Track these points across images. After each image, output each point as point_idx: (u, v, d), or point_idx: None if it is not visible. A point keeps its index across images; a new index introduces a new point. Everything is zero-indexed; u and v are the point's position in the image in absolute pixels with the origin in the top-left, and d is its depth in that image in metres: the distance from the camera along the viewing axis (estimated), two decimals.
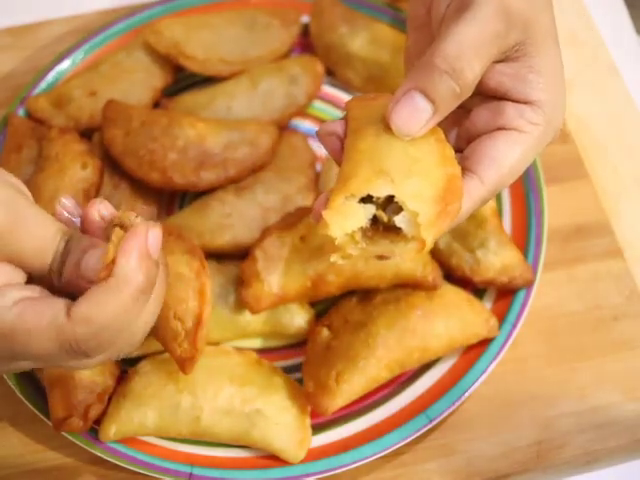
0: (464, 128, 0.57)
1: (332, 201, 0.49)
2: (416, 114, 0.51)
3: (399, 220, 0.48)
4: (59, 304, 0.48)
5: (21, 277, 0.51)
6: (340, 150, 0.54)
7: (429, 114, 0.51)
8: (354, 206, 0.49)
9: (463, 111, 0.56)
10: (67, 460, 0.71)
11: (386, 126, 0.51)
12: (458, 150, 0.57)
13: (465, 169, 0.54)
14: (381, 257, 0.50)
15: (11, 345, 0.48)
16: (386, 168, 0.49)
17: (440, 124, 0.53)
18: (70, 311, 0.47)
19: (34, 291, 0.50)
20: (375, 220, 0.50)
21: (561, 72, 0.56)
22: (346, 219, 0.49)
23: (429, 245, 0.48)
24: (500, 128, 0.55)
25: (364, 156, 0.50)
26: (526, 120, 0.54)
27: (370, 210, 0.49)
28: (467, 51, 0.51)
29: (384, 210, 0.49)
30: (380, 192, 0.48)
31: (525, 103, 0.55)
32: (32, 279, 0.51)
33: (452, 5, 0.54)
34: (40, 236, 0.49)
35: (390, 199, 0.49)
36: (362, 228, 0.49)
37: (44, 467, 0.71)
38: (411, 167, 0.49)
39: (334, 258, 0.50)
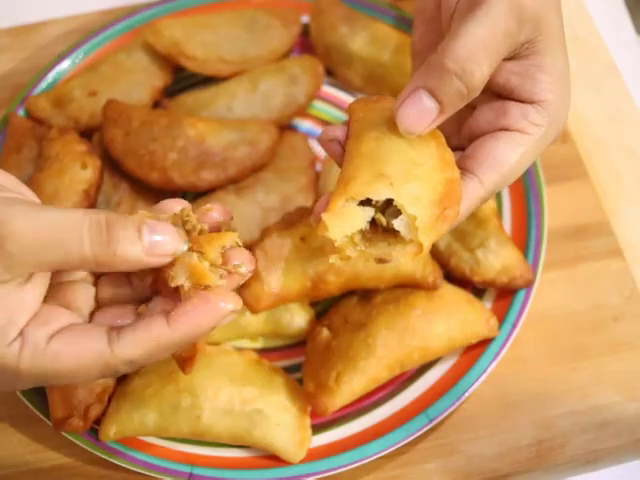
0: (467, 126, 0.57)
1: (332, 204, 0.49)
2: (422, 113, 0.51)
3: (397, 223, 0.49)
4: (100, 337, 0.49)
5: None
6: (342, 154, 0.54)
7: (435, 114, 0.51)
8: (354, 209, 0.49)
9: (467, 108, 0.56)
10: (67, 460, 0.71)
11: (388, 129, 0.51)
12: (460, 148, 0.57)
13: (465, 169, 0.54)
14: (380, 260, 0.51)
15: (50, 381, 0.50)
16: (386, 172, 0.49)
17: (444, 122, 0.53)
18: (114, 346, 0.49)
19: (64, 318, 0.50)
20: (374, 223, 0.50)
21: (567, 71, 0.56)
22: (345, 222, 0.49)
23: (426, 248, 0.49)
24: (503, 129, 0.55)
25: (365, 159, 0.51)
26: (529, 121, 0.54)
27: (369, 213, 0.50)
28: (478, 52, 0.51)
29: (383, 213, 0.50)
30: (379, 196, 0.49)
31: (530, 103, 0.54)
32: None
33: (463, 0, 0.54)
34: (65, 226, 0.48)
35: (389, 202, 0.49)
36: (361, 230, 0.50)
37: (44, 467, 0.71)
38: (411, 171, 0.50)
39: (333, 259, 0.51)
